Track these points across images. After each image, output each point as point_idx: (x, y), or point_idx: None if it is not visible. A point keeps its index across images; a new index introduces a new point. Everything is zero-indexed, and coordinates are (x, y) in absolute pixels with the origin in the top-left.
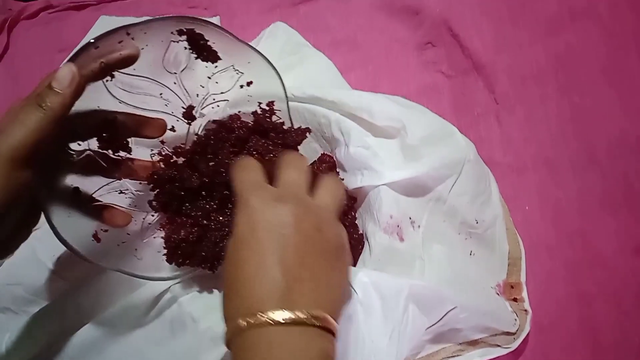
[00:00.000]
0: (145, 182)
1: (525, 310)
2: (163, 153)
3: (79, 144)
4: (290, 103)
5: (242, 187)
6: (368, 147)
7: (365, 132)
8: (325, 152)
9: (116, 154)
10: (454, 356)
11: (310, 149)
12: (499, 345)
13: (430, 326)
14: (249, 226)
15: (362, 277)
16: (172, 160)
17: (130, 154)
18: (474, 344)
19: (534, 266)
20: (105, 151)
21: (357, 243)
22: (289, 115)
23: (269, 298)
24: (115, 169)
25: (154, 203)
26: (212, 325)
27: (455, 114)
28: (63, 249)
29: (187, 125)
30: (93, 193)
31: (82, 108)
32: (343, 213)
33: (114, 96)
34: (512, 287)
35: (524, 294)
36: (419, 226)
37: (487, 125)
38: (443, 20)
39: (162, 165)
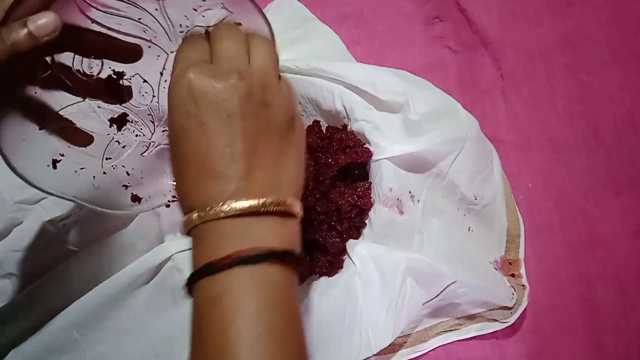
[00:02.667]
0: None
1: (523, 286)
2: None
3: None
4: (294, 76)
5: (179, 63)
6: (370, 121)
7: (368, 105)
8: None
9: (85, 73)
10: (451, 330)
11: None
12: (496, 320)
13: (428, 300)
14: (188, 110)
15: (361, 249)
16: None
17: (101, 75)
18: (471, 318)
19: (535, 245)
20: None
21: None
22: None
23: (221, 191)
24: (81, 88)
25: None
26: None
27: (461, 90)
28: (71, 217)
29: (166, 55)
30: (59, 110)
31: None
32: None
33: (86, 15)
34: (510, 263)
35: (522, 270)
36: (418, 201)
37: (493, 102)
38: None
39: None
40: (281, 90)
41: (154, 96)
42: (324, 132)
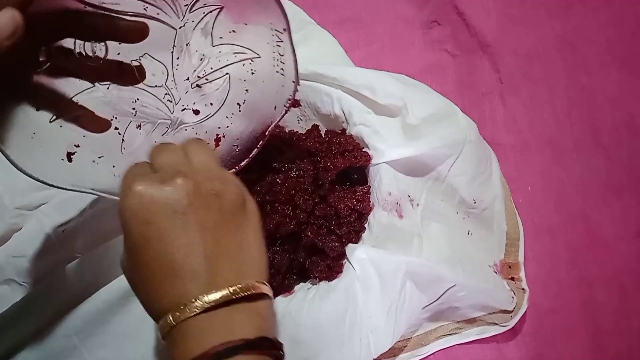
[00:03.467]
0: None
1: (523, 289)
2: None
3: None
4: None
5: (127, 180)
6: (369, 125)
7: (367, 109)
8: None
9: (90, 57)
10: (451, 334)
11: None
12: (496, 324)
13: (429, 304)
14: (142, 220)
15: (360, 253)
16: None
17: (107, 56)
18: (471, 322)
19: (535, 248)
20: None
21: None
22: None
23: (192, 287)
24: (90, 73)
25: None
26: None
27: (460, 93)
28: (71, 222)
29: (175, 31)
30: (72, 97)
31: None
32: None
33: None
34: (509, 266)
35: (522, 274)
36: (417, 204)
37: (492, 105)
38: None
39: None
40: (227, 177)
41: (168, 74)
42: (323, 136)
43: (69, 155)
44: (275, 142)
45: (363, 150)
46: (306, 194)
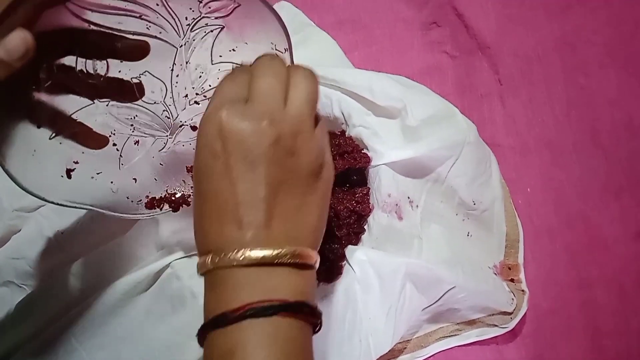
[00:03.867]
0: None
1: (523, 291)
2: None
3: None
4: None
5: (217, 100)
6: (368, 127)
7: (366, 111)
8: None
9: (91, 75)
10: (451, 335)
11: None
12: (496, 325)
13: (428, 306)
14: (214, 150)
15: (360, 255)
16: None
17: (108, 73)
18: (471, 323)
19: (534, 249)
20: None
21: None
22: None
23: (237, 239)
24: (89, 90)
25: None
26: None
27: (459, 95)
28: (69, 224)
29: (175, 49)
30: (71, 114)
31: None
32: None
33: (82, 18)
34: (509, 268)
35: (522, 275)
36: (417, 206)
37: (491, 107)
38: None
39: None
40: (314, 136)
41: (166, 91)
42: None
43: (69, 172)
44: None
45: (362, 151)
46: None
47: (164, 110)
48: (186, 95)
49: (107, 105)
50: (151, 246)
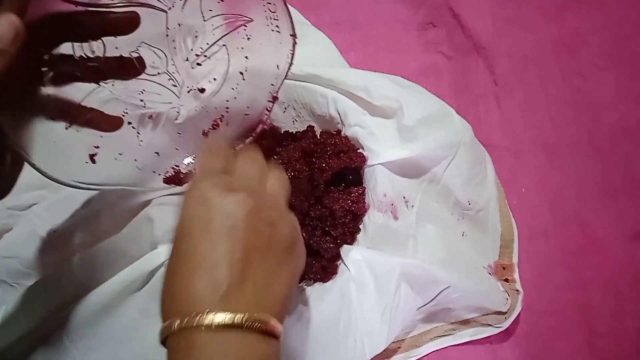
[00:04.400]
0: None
1: (517, 290)
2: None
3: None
4: (287, 81)
5: (199, 171)
6: (365, 126)
7: (362, 110)
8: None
9: (90, 58)
10: (445, 335)
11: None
12: (490, 325)
13: (423, 305)
14: (197, 214)
15: (355, 254)
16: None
17: (106, 53)
18: (465, 323)
19: (529, 250)
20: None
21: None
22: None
23: (208, 298)
24: (92, 73)
25: None
26: None
27: (455, 95)
28: (62, 223)
29: (165, 13)
30: (80, 102)
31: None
32: None
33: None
34: (504, 268)
35: (516, 275)
36: (412, 206)
37: (487, 107)
38: (444, 0)
39: None
40: (288, 216)
41: (167, 59)
42: (318, 137)
43: (92, 157)
44: (270, 143)
45: (358, 151)
46: (301, 195)
47: (169, 79)
48: (187, 59)
49: (112, 85)
50: (145, 245)
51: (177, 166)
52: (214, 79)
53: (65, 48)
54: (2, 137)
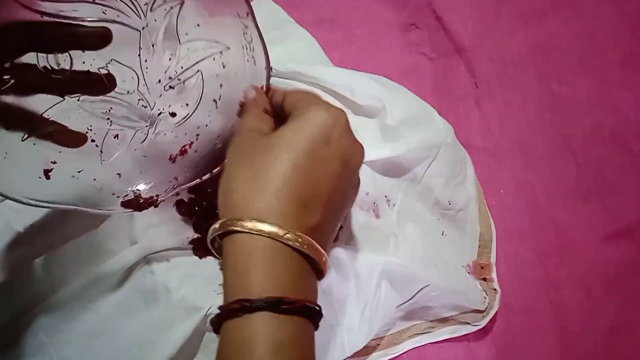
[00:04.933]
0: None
1: (495, 289)
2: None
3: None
4: (271, 78)
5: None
6: None
7: (345, 109)
8: None
9: (55, 70)
10: (424, 333)
11: None
12: (468, 323)
13: (402, 303)
14: (327, 134)
15: (337, 252)
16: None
17: (73, 66)
18: (444, 321)
19: (506, 250)
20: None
21: None
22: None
23: (270, 208)
24: (57, 86)
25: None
26: (185, 296)
27: (436, 96)
28: (39, 217)
29: (138, 32)
30: (42, 113)
31: None
32: None
33: (33, 9)
34: (482, 267)
35: (494, 274)
36: (393, 205)
37: (467, 109)
38: (427, 2)
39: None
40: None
41: (138, 79)
42: None
43: (46, 173)
44: None
45: None
46: None
47: (139, 100)
48: (159, 81)
49: (78, 100)
50: (125, 240)
51: (138, 190)
52: (187, 104)
53: (29, 57)
54: None
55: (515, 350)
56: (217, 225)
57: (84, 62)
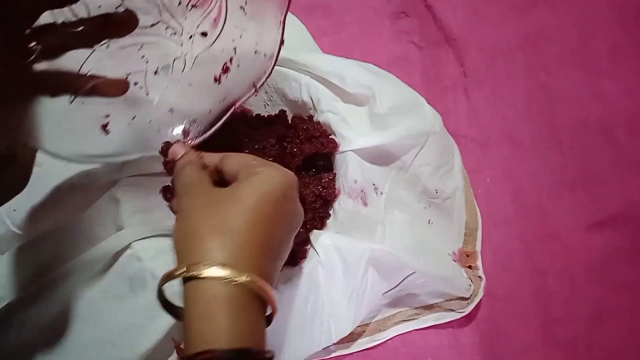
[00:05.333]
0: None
1: (480, 277)
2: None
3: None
4: None
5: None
6: (337, 113)
7: (334, 97)
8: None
9: (74, 23)
10: (409, 320)
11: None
12: (453, 310)
13: (388, 290)
14: (288, 185)
15: (325, 239)
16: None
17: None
18: (429, 308)
19: (491, 238)
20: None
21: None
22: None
23: (220, 253)
24: (82, 39)
25: None
26: (172, 282)
27: (425, 85)
28: (22, 203)
29: None
30: (79, 70)
31: None
32: None
33: None
34: (467, 255)
35: (479, 262)
36: (381, 193)
37: (455, 98)
38: None
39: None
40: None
41: (159, 7)
42: (289, 122)
43: (104, 127)
44: (241, 126)
45: (330, 137)
46: None
47: (166, 28)
48: (180, 3)
49: (107, 47)
50: (110, 226)
51: (195, 120)
52: (214, 20)
53: (45, 18)
54: (8, 133)
55: (499, 336)
56: (183, 269)
57: (99, 6)
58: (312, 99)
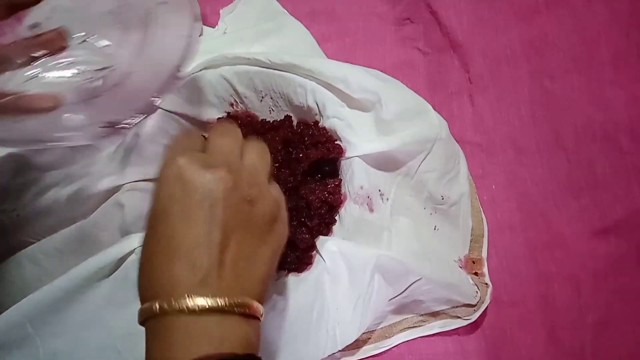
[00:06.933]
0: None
1: (486, 284)
2: None
3: None
4: (265, 70)
5: (172, 151)
6: (342, 118)
7: (340, 102)
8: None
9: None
10: (415, 326)
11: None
12: (459, 317)
13: (394, 297)
14: (173, 194)
15: (330, 245)
16: None
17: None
18: (435, 315)
19: (497, 244)
20: None
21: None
22: None
23: (187, 282)
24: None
25: None
26: None
27: (429, 91)
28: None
29: None
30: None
31: None
32: None
33: None
34: (473, 262)
35: (485, 269)
36: (387, 199)
37: (460, 104)
38: None
39: None
40: (269, 190)
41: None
42: (295, 127)
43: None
44: (246, 130)
45: (336, 142)
46: (284, 186)
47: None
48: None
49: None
50: (115, 231)
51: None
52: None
53: None
54: None
55: (504, 343)
56: (155, 306)
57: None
58: (317, 105)
